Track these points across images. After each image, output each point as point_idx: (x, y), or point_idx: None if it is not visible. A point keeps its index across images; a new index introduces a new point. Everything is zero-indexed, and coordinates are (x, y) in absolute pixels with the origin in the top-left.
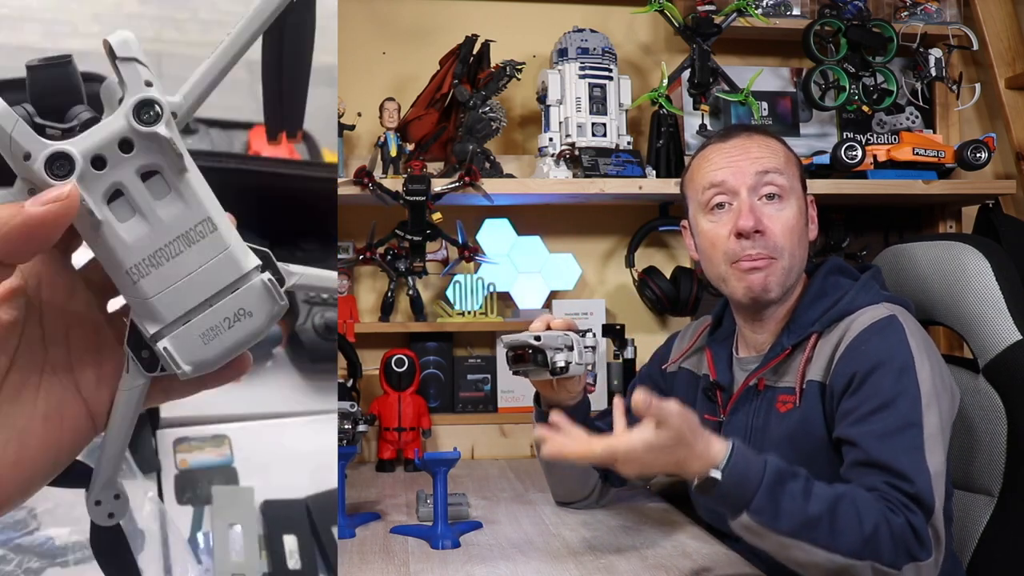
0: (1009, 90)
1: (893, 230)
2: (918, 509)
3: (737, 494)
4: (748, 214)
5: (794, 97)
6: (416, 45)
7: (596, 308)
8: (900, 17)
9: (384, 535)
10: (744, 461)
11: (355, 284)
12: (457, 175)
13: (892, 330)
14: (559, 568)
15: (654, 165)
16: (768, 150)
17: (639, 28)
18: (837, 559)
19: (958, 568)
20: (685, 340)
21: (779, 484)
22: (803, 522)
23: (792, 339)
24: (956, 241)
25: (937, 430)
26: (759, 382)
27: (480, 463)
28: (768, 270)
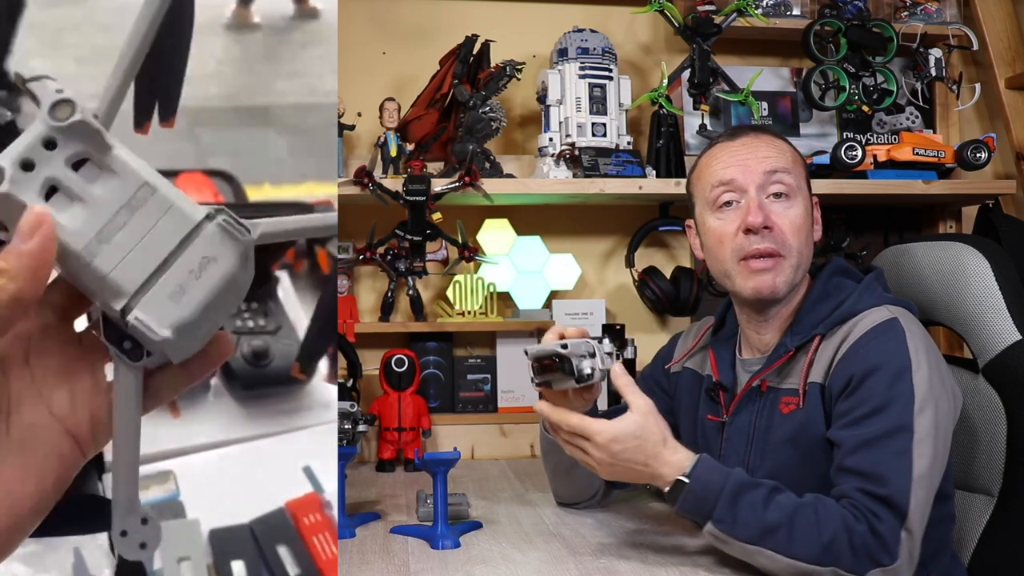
0: (1009, 90)
1: (893, 230)
2: (887, 514)
3: (702, 501)
4: (757, 210)
5: (794, 97)
6: (416, 45)
7: (596, 308)
8: (900, 17)
9: (384, 535)
10: (708, 471)
11: (355, 284)
12: (457, 175)
13: (892, 334)
14: (559, 568)
15: (654, 165)
16: (776, 149)
17: (639, 28)
18: (798, 565)
19: (959, 567)
20: (689, 340)
21: (739, 494)
22: (761, 530)
23: (795, 341)
24: (956, 241)
25: (929, 434)
26: (762, 383)
27: (480, 463)
28: (776, 270)
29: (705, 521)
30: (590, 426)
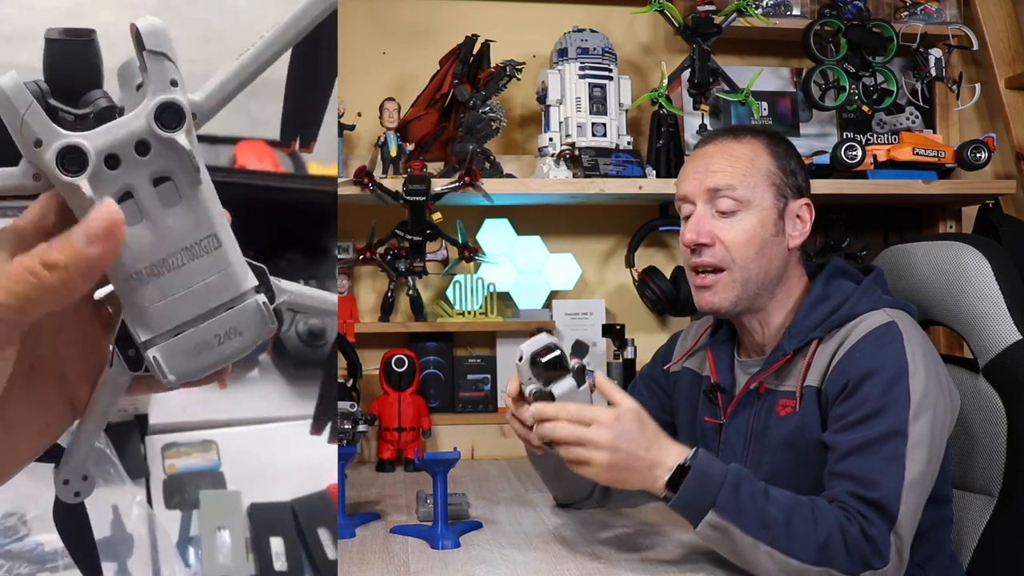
0: (1009, 90)
1: (893, 230)
2: (877, 517)
3: (704, 488)
4: (693, 228)
5: (794, 97)
6: (416, 45)
7: (596, 308)
8: (900, 17)
9: (384, 535)
10: (708, 459)
11: (355, 284)
12: (457, 175)
13: (889, 338)
14: (559, 568)
15: (654, 165)
16: (729, 162)
17: (639, 28)
18: (794, 564)
19: (958, 568)
20: (688, 339)
21: (740, 484)
22: (762, 523)
23: (793, 344)
24: (956, 241)
25: (923, 439)
26: (760, 385)
27: (480, 463)
28: (716, 287)
29: (706, 511)
30: (593, 409)
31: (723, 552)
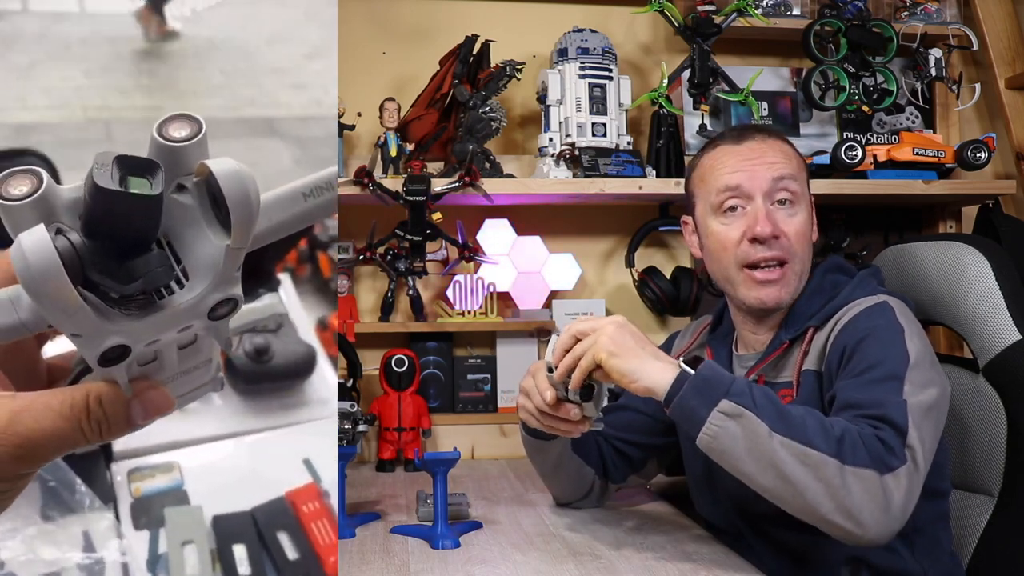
0: (1009, 90)
1: (893, 230)
2: (887, 427)
3: (715, 381)
4: (765, 220)
5: (794, 97)
6: (416, 45)
7: (596, 308)
8: (900, 17)
9: (384, 535)
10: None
11: (355, 284)
12: (457, 175)
13: (882, 311)
14: (559, 568)
15: (654, 165)
16: (783, 154)
17: (639, 28)
18: (812, 453)
19: (958, 568)
20: (686, 338)
21: (752, 384)
22: (778, 414)
23: (789, 334)
24: (956, 241)
25: (922, 387)
26: (758, 378)
27: (480, 463)
28: (782, 281)
29: (719, 399)
30: (597, 318)
31: (732, 452)
